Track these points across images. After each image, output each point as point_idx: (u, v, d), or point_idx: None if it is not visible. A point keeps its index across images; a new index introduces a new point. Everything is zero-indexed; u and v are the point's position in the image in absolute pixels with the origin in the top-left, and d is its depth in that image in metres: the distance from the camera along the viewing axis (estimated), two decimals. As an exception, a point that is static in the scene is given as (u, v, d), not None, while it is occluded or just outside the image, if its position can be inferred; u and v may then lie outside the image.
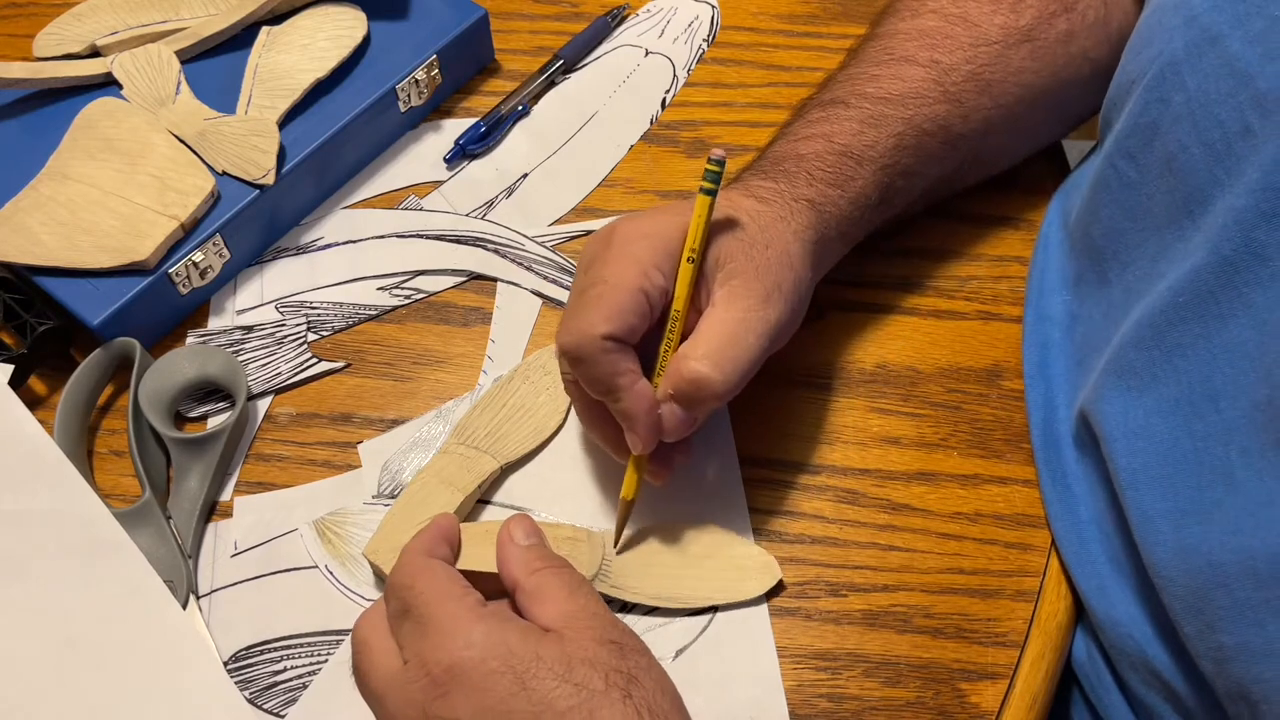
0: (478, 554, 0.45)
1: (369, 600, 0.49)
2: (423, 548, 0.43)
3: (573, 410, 0.53)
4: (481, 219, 0.60)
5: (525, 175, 0.61)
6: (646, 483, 0.48)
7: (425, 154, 0.62)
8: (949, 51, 0.52)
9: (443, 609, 0.40)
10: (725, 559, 0.48)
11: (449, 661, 0.38)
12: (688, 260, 0.44)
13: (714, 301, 0.44)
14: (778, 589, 0.48)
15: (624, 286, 0.43)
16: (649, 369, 0.45)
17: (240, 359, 0.55)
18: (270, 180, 0.55)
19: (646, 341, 0.45)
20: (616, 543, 0.48)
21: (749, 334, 0.43)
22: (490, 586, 0.43)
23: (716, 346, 0.43)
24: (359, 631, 0.42)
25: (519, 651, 0.38)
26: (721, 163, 0.43)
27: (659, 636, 0.47)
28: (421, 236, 0.59)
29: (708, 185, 0.43)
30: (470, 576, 0.43)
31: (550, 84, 0.64)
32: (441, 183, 0.61)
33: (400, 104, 0.60)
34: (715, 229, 0.44)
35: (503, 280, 0.57)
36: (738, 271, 0.44)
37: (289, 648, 0.48)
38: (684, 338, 0.44)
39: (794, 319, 0.46)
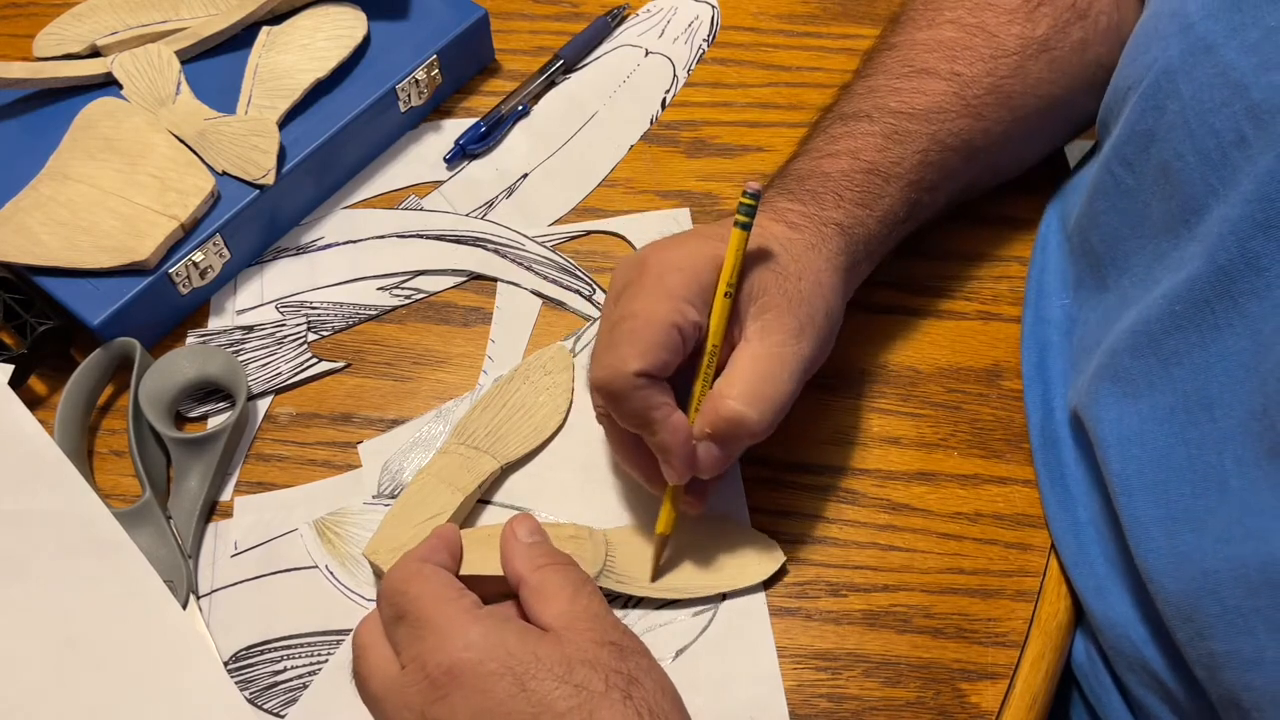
0: (480, 558, 0.45)
1: (369, 600, 0.49)
2: (419, 554, 0.43)
3: (573, 410, 0.53)
4: (481, 219, 0.60)
5: (525, 175, 0.61)
6: (644, 488, 0.48)
7: (425, 154, 0.62)
8: (970, 64, 0.51)
9: (439, 611, 0.39)
10: (728, 547, 0.48)
11: (448, 663, 0.38)
12: (724, 295, 0.43)
13: (747, 336, 0.44)
14: (780, 575, 0.48)
15: (656, 321, 0.42)
16: (682, 400, 0.44)
17: (240, 359, 0.55)
18: (270, 180, 0.55)
19: (678, 371, 0.44)
20: (654, 576, 0.48)
21: (783, 370, 0.43)
22: (493, 590, 0.43)
23: (752, 385, 0.43)
24: (359, 637, 0.42)
25: (517, 652, 0.38)
26: (757, 196, 0.43)
27: (659, 637, 0.47)
28: (421, 236, 0.59)
29: (742, 219, 0.43)
30: (473, 581, 0.43)
31: (550, 84, 0.64)
32: (441, 183, 0.61)
33: (400, 104, 0.60)
34: (748, 260, 0.44)
35: (503, 280, 0.57)
36: (771, 305, 0.44)
37: (289, 648, 0.48)
38: (719, 371, 0.44)
39: (826, 348, 0.46)
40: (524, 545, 0.43)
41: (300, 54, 0.59)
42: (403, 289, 0.57)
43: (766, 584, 0.48)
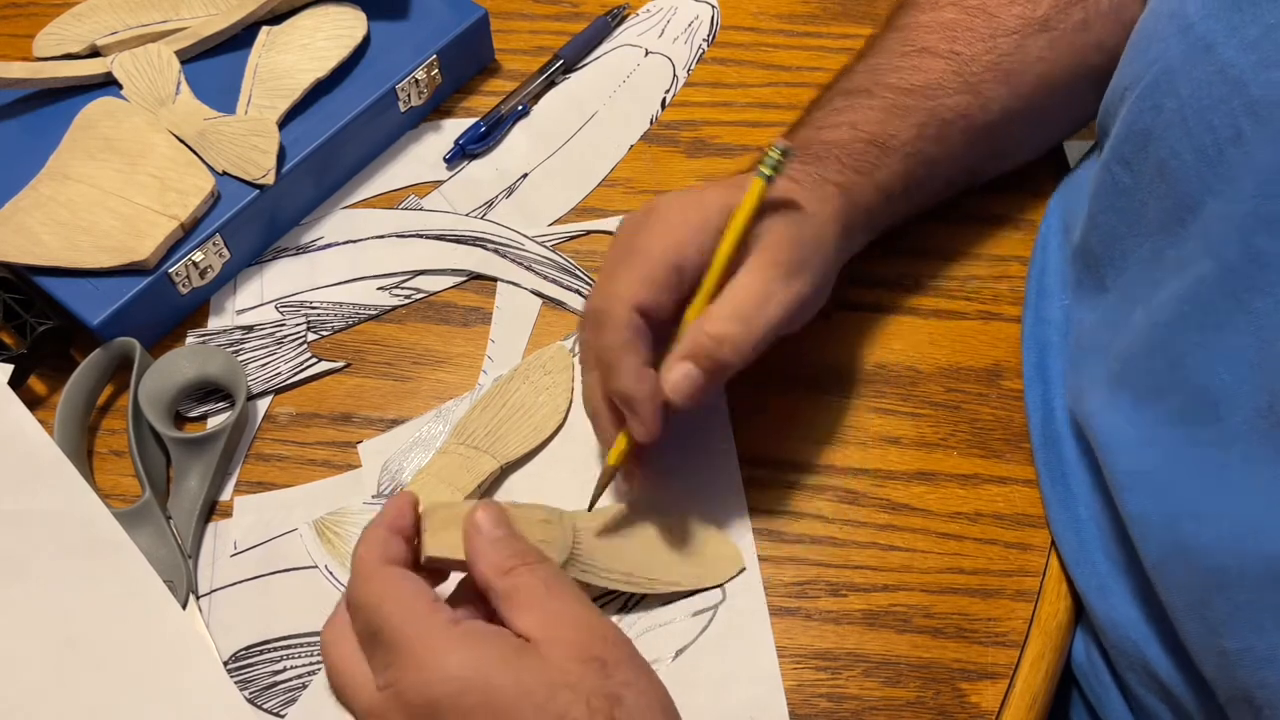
0: (442, 539, 0.41)
1: (369, 600, 0.49)
2: (376, 554, 0.40)
3: (573, 411, 0.53)
4: (481, 219, 0.60)
5: (525, 175, 0.61)
6: (648, 484, 0.48)
7: (425, 154, 0.62)
8: (969, 43, 0.52)
9: (414, 631, 0.37)
10: (693, 547, 0.49)
11: (427, 696, 0.36)
12: (733, 236, 0.44)
13: (743, 267, 0.44)
14: (737, 576, 0.48)
15: (658, 259, 0.43)
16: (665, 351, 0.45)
17: (240, 359, 0.55)
18: (270, 180, 0.55)
19: (667, 337, 0.45)
20: (591, 506, 0.48)
21: (772, 301, 0.44)
22: (460, 569, 0.41)
23: (739, 307, 0.43)
24: (328, 648, 0.39)
25: (496, 682, 0.36)
26: (788, 153, 0.44)
27: (659, 637, 0.47)
28: (421, 236, 0.59)
29: (766, 171, 0.44)
30: (439, 563, 0.41)
31: (550, 84, 0.64)
32: (441, 183, 0.61)
33: (400, 104, 0.60)
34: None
35: (503, 280, 0.57)
36: (770, 244, 0.44)
37: (289, 648, 0.48)
38: None
39: (817, 298, 0.46)
40: (488, 544, 0.40)
41: (300, 54, 0.59)
42: (403, 289, 0.57)
43: (725, 585, 0.48)
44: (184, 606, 0.48)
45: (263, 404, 0.54)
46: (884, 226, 0.52)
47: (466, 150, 0.61)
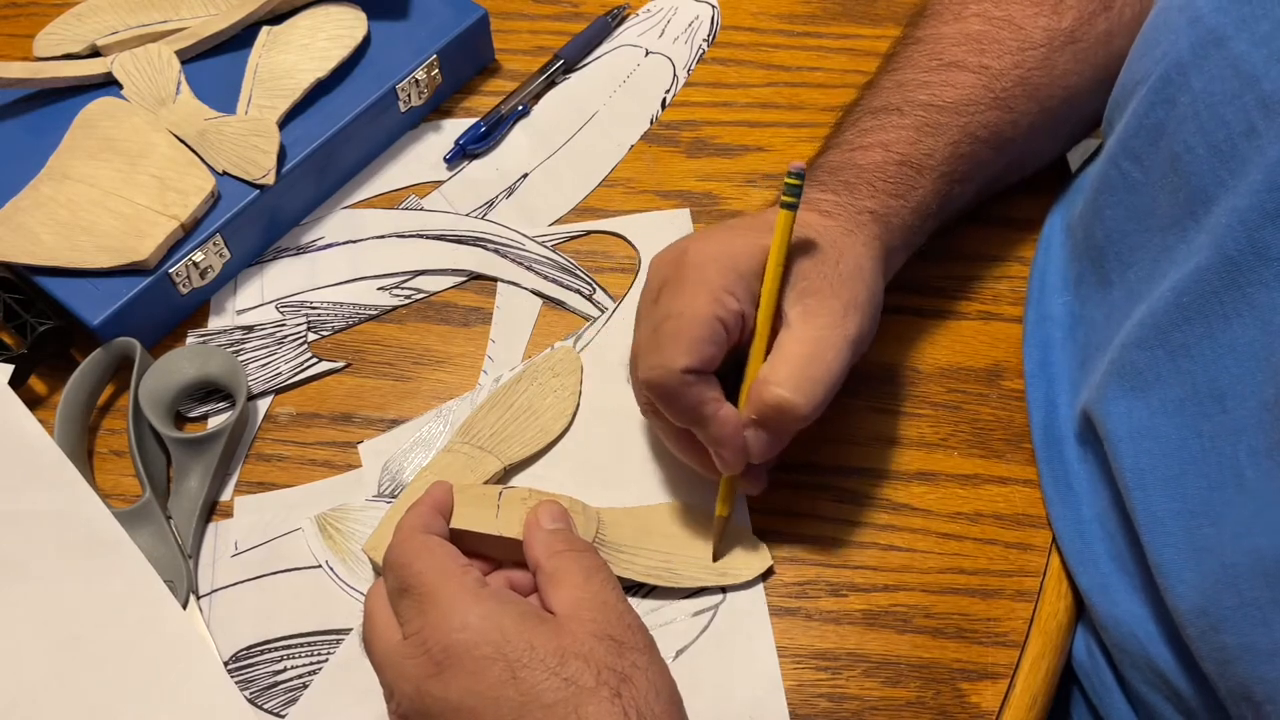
0: (470, 514, 0.46)
1: (369, 600, 0.49)
2: (419, 524, 0.44)
3: (579, 414, 0.53)
4: (481, 219, 0.60)
5: (525, 175, 0.61)
6: (639, 478, 0.48)
7: (425, 154, 0.62)
8: (997, 56, 0.52)
9: (443, 588, 0.40)
10: (721, 544, 0.48)
11: (446, 642, 0.39)
12: (773, 277, 0.43)
13: (789, 321, 0.44)
14: (768, 576, 0.48)
15: (699, 317, 0.43)
16: (731, 388, 0.44)
17: (240, 359, 0.55)
18: (270, 180, 0.55)
19: (725, 360, 0.45)
20: (716, 557, 0.48)
21: (828, 352, 0.43)
22: (478, 545, 0.45)
23: (797, 368, 0.43)
24: (367, 602, 0.43)
25: (513, 639, 0.39)
26: (801, 175, 0.43)
27: (659, 636, 0.47)
28: (421, 236, 0.59)
29: (788, 199, 0.43)
30: (462, 535, 0.44)
31: (550, 84, 0.64)
32: (441, 183, 0.61)
33: (400, 104, 0.60)
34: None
35: (503, 280, 0.57)
36: (812, 289, 0.44)
37: (289, 648, 0.48)
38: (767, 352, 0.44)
39: (871, 331, 0.46)
40: (545, 532, 0.44)
41: (300, 54, 0.59)
42: (403, 289, 0.57)
43: (752, 583, 0.48)
44: (184, 606, 0.48)
45: (263, 404, 0.54)
46: (920, 243, 0.52)
47: (467, 150, 0.61)
